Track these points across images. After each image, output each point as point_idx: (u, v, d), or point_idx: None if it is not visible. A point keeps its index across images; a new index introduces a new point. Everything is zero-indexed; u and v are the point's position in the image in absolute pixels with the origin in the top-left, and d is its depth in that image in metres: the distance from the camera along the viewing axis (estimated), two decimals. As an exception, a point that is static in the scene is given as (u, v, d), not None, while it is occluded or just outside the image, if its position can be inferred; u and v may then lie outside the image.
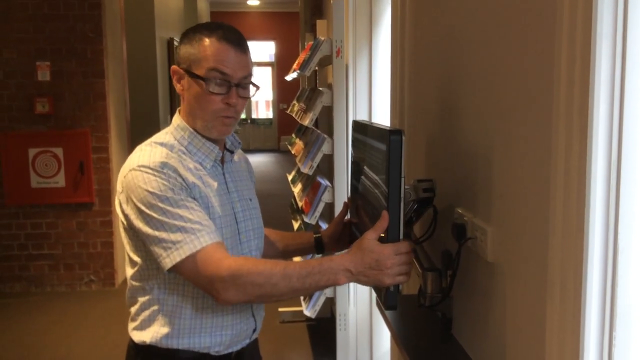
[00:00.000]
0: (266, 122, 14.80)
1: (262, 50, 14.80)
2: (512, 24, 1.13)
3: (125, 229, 1.39)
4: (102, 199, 4.72)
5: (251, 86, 1.45)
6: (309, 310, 3.19)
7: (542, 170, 1.00)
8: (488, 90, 1.26)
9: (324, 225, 3.25)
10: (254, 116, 15.02)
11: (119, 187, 1.37)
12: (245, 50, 1.41)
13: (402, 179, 1.22)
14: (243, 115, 14.93)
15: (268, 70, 14.75)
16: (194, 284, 1.33)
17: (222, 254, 1.28)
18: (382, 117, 3.07)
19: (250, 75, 1.42)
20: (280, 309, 4.10)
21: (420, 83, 1.80)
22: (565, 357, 0.92)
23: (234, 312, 1.45)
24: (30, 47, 4.63)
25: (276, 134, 14.51)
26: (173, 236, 1.27)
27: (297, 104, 3.95)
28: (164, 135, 1.44)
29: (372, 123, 1.48)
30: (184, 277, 1.32)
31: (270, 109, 14.91)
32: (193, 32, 1.40)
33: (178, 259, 1.27)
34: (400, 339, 1.53)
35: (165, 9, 7.79)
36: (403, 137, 1.22)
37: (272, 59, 14.52)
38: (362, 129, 1.53)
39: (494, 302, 1.25)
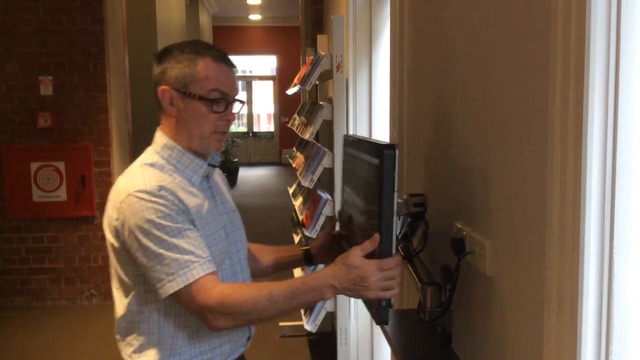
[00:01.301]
0: (268, 136, 14.84)
1: (263, 64, 14.88)
2: (508, 42, 1.14)
3: (117, 253, 1.40)
4: (103, 212, 4.71)
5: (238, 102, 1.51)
6: (309, 325, 3.18)
7: (539, 185, 1.01)
8: (485, 106, 1.27)
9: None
10: (255, 129, 15.07)
11: (113, 212, 1.38)
12: (235, 69, 1.48)
13: (395, 194, 1.22)
14: (245, 129, 14.99)
15: (269, 84, 14.81)
16: (189, 312, 1.37)
17: (213, 284, 1.31)
18: (382, 130, 3.08)
19: (238, 92, 1.49)
20: (281, 324, 4.09)
21: (418, 97, 1.81)
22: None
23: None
24: (33, 61, 4.66)
25: (277, 147, 14.54)
26: (167, 268, 1.29)
27: (298, 118, 3.97)
28: (151, 155, 1.45)
29: (364, 137, 1.49)
30: (180, 304, 1.36)
31: (272, 122, 14.96)
32: (179, 52, 1.41)
33: (171, 291, 1.30)
34: (400, 353, 1.53)
35: (168, 23, 7.85)
36: (396, 152, 1.22)
37: (274, 73, 14.59)
38: (353, 143, 1.53)
39: (493, 317, 1.26)
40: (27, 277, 4.78)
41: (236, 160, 11.53)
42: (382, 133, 3.09)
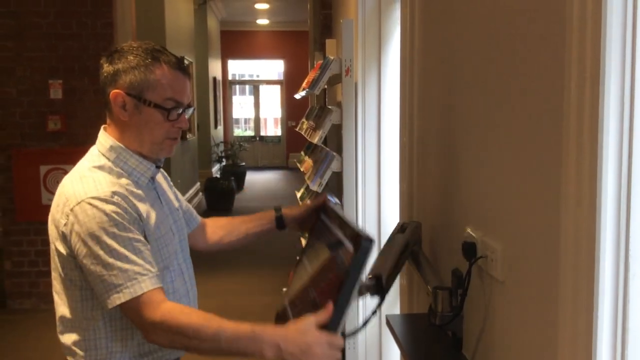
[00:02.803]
0: (275, 140, 14.85)
1: (271, 68, 14.91)
2: (521, 44, 1.14)
3: (63, 259, 1.38)
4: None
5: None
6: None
7: (553, 188, 1.00)
8: (497, 109, 1.27)
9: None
10: (262, 134, 15.09)
11: (61, 217, 1.35)
12: (189, 76, 1.48)
13: (357, 283, 1.26)
14: (252, 133, 15.01)
15: (277, 88, 14.84)
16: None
17: (160, 299, 1.31)
18: (390, 135, 3.08)
19: (190, 99, 1.48)
20: (289, 327, 4.09)
21: (429, 101, 1.81)
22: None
23: None
24: (43, 65, 4.69)
25: (285, 151, 14.56)
26: (115, 279, 1.29)
27: (306, 122, 3.97)
28: (98, 157, 1.43)
29: (345, 219, 1.49)
30: (122, 313, 1.35)
31: (279, 126, 14.98)
32: (134, 56, 1.39)
33: (118, 302, 1.29)
34: (410, 357, 1.53)
35: (176, 28, 7.89)
36: (372, 247, 1.26)
37: (281, 77, 14.62)
38: (334, 216, 1.57)
39: (505, 322, 1.25)
40: (35, 280, 4.80)
41: (243, 164, 11.55)
42: (391, 138, 3.09)
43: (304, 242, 1.79)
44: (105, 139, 1.45)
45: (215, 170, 11.56)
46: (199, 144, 10.27)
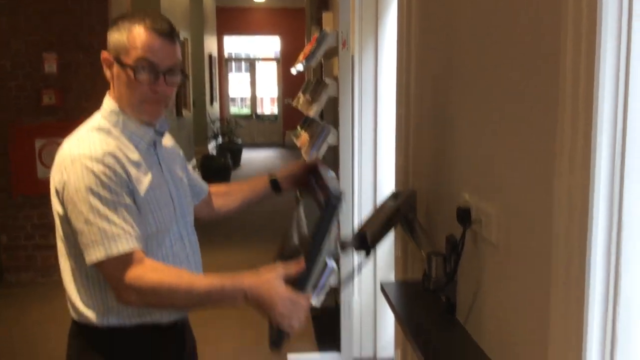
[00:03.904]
0: (271, 118, 14.81)
1: (267, 45, 14.80)
2: (519, 18, 1.15)
3: (60, 218, 1.42)
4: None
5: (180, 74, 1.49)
6: (313, 299, 3.20)
7: (547, 153, 1.01)
8: (493, 76, 1.28)
9: (330, 262, 3.26)
10: (259, 112, 15.03)
11: (56, 175, 1.39)
12: (172, 39, 1.44)
13: (325, 240, 1.30)
14: (248, 111, 14.95)
15: (273, 65, 14.75)
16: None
17: (137, 260, 1.33)
18: (387, 108, 3.08)
19: (177, 63, 1.46)
20: (285, 300, 4.13)
21: (426, 72, 1.81)
22: (569, 339, 0.94)
23: None
24: (38, 38, 4.65)
25: (281, 129, 14.52)
26: (93, 236, 1.31)
27: (302, 96, 3.97)
28: (99, 120, 1.46)
29: (326, 180, 1.54)
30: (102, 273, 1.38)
31: (275, 104, 14.92)
32: (122, 20, 1.43)
33: (94, 259, 1.32)
34: (404, 323, 1.56)
35: (172, 4, 7.81)
36: (341, 204, 1.31)
37: (278, 55, 14.52)
38: (319, 178, 1.63)
39: (499, 285, 1.27)
40: (32, 253, 4.82)
41: (239, 141, 11.53)
42: (387, 110, 3.09)
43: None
44: (107, 102, 1.48)
45: (212, 147, 11.55)
46: (194, 120, 10.24)
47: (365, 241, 1.53)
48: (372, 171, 3.25)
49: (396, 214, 1.66)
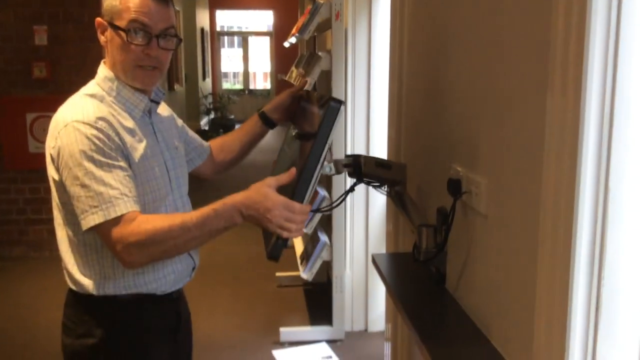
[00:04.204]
0: (264, 93, 14.73)
1: (260, 20, 14.66)
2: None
3: (56, 184, 1.41)
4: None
5: (175, 39, 1.47)
6: (306, 273, 3.23)
7: (536, 124, 1.02)
8: (484, 51, 1.27)
9: (322, 191, 3.28)
10: (251, 87, 14.94)
11: (51, 141, 1.38)
12: (166, 2, 1.44)
13: (326, 146, 1.27)
14: (240, 86, 14.86)
15: (266, 40, 14.63)
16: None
17: (133, 220, 1.31)
18: (380, 82, 3.07)
19: (171, 27, 1.45)
20: (278, 274, 4.16)
21: (419, 46, 1.80)
22: (554, 308, 0.95)
23: None
24: (27, 10, 4.59)
25: (274, 104, 14.44)
26: (91, 201, 1.30)
27: (295, 70, 3.94)
28: (93, 86, 1.46)
29: (322, 94, 1.55)
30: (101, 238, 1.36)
31: (268, 79, 14.83)
32: None
33: (92, 224, 1.30)
34: (395, 293, 1.57)
35: (163, -25, 7.69)
36: (341, 108, 1.27)
37: (270, 29, 14.39)
38: (308, 98, 1.63)
39: (487, 255, 1.29)
40: (24, 227, 4.82)
41: (232, 117, 11.48)
42: (380, 84, 3.08)
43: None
44: (101, 70, 1.47)
45: (204, 122, 11.50)
46: (186, 95, 10.18)
47: (359, 166, 1.54)
48: (364, 144, 3.26)
49: (390, 164, 1.69)
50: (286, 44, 3.94)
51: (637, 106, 0.86)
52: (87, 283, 1.43)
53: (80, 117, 1.34)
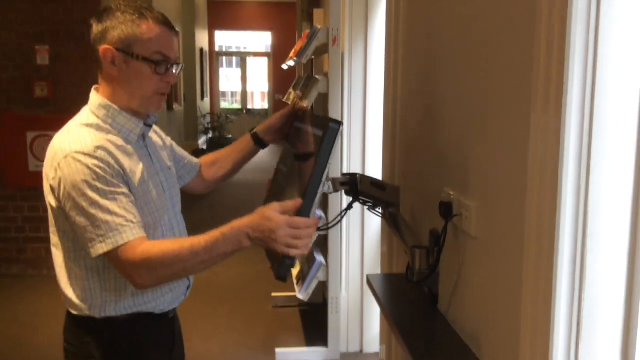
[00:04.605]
0: (262, 113, 14.83)
1: (258, 40, 14.81)
2: (498, 26, 1.19)
3: (55, 212, 1.43)
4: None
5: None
6: (302, 294, 3.26)
7: (521, 152, 1.07)
8: (471, 83, 1.33)
9: (318, 212, 3.32)
10: (249, 107, 15.04)
11: (50, 172, 1.40)
12: (176, 32, 1.50)
13: (328, 166, 1.32)
14: (238, 106, 14.95)
15: (264, 60, 14.76)
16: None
17: (141, 245, 1.35)
18: (376, 104, 3.13)
19: (178, 55, 1.51)
20: (274, 294, 4.17)
21: (412, 72, 1.86)
22: (537, 328, 1.00)
23: None
24: (29, 29, 4.65)
25: (271, 124, 14.51)
26: (98, 230, 1.33)
27: (293, 92, 4.00)
28: (87, 115, 1.46)
29: (318, 115, 1.59)
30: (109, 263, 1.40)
31: (266, 99, 14.93)
32: (122, 13, 1.43)
33: (101, 252, 1.34)
34: (389, 314, 1.61)
35: (163, -4, 7.81)
36: (340, 129, 1.32)
37: (269, 50, 14.53)
38: (303, 118, 1.70)
39: (476, 275, 1.33)
40: (23, 245, 4.83)
41: (230, 136, 11.54)
42: (376, 106, 3.14)
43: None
44: (95, 97, 1.48)
45: (202, 142, 11.56)
46: (185, 115, 10.25)
47: (356, 184, 1.59)
48: (360, 165, 3.31)
49: (385, 185, 1.73)
50: (284, 67, 4.01)
51: (612, 147, 0.91)
52: (88, 306, 1.46)
53: (79, 148, 1.36)
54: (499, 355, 1.21)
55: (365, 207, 1.82)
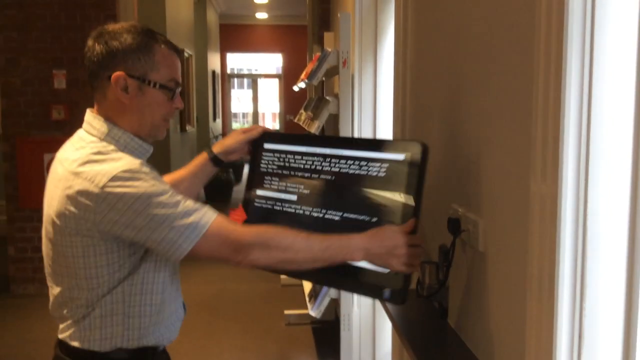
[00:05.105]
0: (273, 133, 14.93)
1: (269, 62, 15.00)
2: (506, 43, 1.26)
3: (78, 243, 1.32)
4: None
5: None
6: (314, 311, 3.30)
7: (523, 171, 1.12)
8: (478, 104, 1.38)
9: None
10: (260, 127, 15.14)
11: (89, 202, 1.28)
12: (182, 56, 1.51)
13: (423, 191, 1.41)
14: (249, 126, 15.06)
15: (275, 82, 14.92)
16: (213, 257, 1.35)
17: (234, 222, 1.36)
18: (385, 124, 3.19)
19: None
20: (286, 312, 4.21)
21: (421, 93, 1.92)
22: (541, 339, 1.03)
23: (177, 299, 1.50)
24: (47, 55, 4.79)
25: (282, 144, 14.59)
26: (184, 220, 1.28)
27: (304, 113, 4.08)
28: (100, 146, 1.36)
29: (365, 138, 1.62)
30: (201, 255, 1.31)
31: (277, 120, 15.07)
32: (131, 36, 1.37)
33: (198, 238, 1.28)
34: (401, 329, 1.65)
35: (177, 21, 7.97)
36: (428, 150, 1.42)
37: (280, 71, 14.70)
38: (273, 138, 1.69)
39: (483, 289, 1.37)
40: (39, 265, 4.89)
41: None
42: (385, 127, 3.20)
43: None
44: (99, 124, 1.40)
45: (214, 162, 11.62)
46: (197, 135, 10.37)
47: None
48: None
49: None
50: (295, 88, 4.09)
51: (608, 158, 0.96)
52: (106, 340, 1.38)
53: (126, 167, 1.29)
54: (506, 365, 1.25)
55: None
